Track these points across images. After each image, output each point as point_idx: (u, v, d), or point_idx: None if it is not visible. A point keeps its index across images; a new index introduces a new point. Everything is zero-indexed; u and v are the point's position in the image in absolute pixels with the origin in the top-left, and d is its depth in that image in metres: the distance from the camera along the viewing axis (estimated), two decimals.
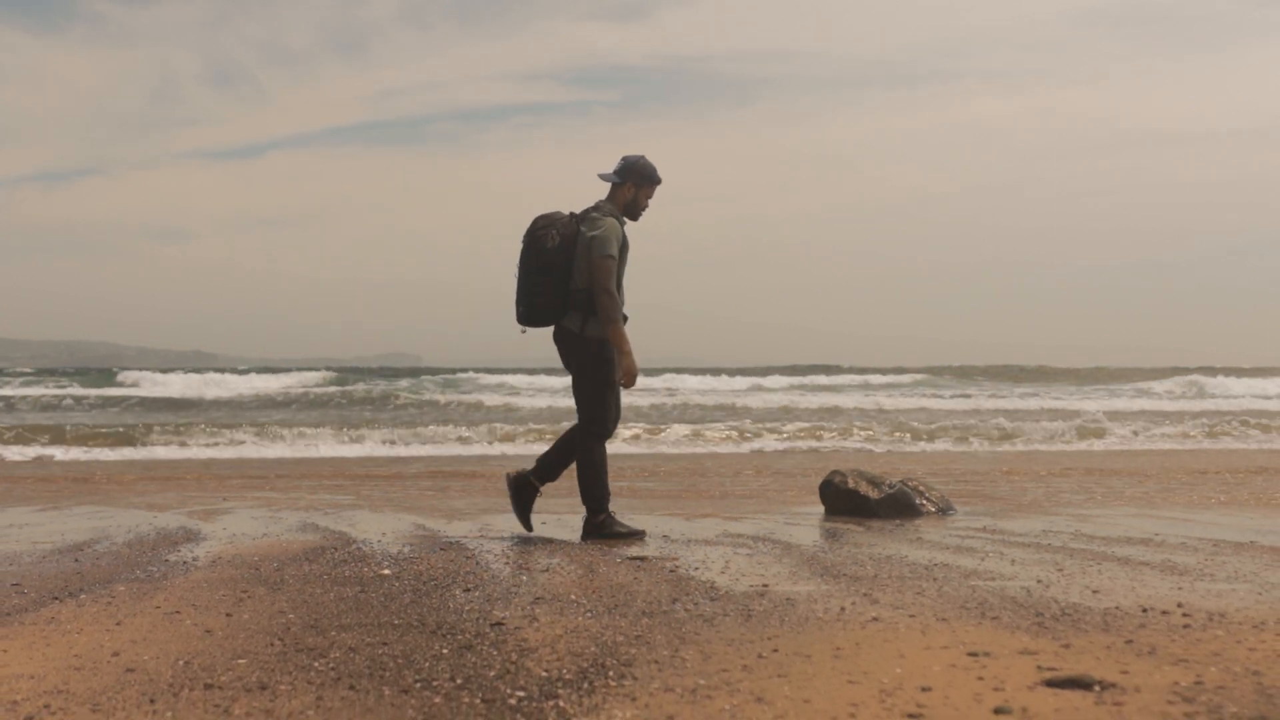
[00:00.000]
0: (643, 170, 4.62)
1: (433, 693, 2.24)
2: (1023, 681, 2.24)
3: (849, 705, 2.10)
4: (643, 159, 4.64)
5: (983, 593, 3.28)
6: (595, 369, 4.55)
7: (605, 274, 4.42)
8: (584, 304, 4.48)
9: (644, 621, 2.90)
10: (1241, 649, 2.52)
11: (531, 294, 4.49)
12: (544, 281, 4.46)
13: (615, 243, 4.45)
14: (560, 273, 4.47)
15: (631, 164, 4.62)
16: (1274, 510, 5.92)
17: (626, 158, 4.64)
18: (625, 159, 4.63)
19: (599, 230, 4.45)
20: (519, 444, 13.03)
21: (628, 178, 4.61)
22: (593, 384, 4.57)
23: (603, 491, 4.65)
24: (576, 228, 4.51)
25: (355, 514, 5.90)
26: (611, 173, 4.63)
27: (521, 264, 4.54)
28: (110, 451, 12.31)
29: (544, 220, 4.52)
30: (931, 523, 5.29)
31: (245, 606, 3.19)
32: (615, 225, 4.50)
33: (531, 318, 4.55)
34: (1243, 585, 3.42)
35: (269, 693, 2.25)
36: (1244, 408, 21.13)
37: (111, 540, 4.81)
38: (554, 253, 4.45)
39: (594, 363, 4.54)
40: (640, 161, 4.63)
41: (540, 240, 4.47)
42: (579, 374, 4.59)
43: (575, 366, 4.59)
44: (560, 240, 4.46)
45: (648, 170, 4.63)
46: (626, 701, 2.15)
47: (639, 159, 4.63)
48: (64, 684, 2.33)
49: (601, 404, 4.58)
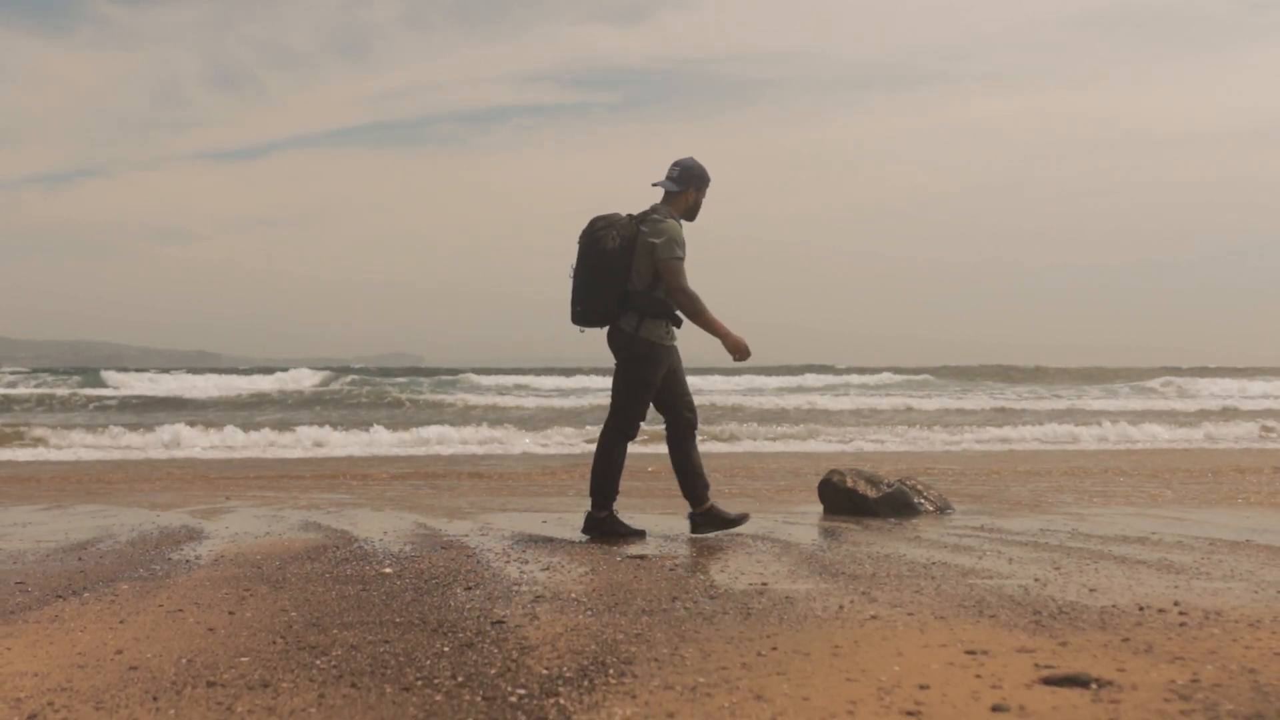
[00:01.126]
0: (701, 174, 4.67)
1: (434, 690, 2.25)
2: (1020, 679, 2.26)
3: (847, 703, 2.11)
4: (696, 161, 4.69)
5: (980, 591, 3.30)
6: (638, 369, 4.57)
7: (678, 275, 4.47)
8: (641, 305, 4.51)
9: (644, 619, 2.91)
10: (1238, 647, 2.53)
11: (589, 294, 4.52)
12: (603, 282, 4.49)
13: (679, 244, 4.50)
14: (619, 274, 4.49)
15: (690, 169, 4.66)
16: (1270, 509, 5.93)
17: (682, 162, 4.67)
18: (682, 165, 4.66)
19: (662, 234, 4.48)
20: (518, 445, 13.04)
21: (689, 184, 4.65)
22: (631, 383, 4.60)
23: (612, 489, 4.67)
24: (636, 229, 4.54)
25: (356, 513, 5.92)
26: (669, 180, 4.65)
27: (579, 264, 4.56)
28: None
29: (603, 221, 4.55)
30: (929, 522, 5.30)
31: (248, 605, 3.20)
32: (677, 227, 4.54)
33: (589, 318, 4.58)
34: (1239, 584, 3.43)
35: (271, 690, 2.26)
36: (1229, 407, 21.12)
37: (115, 539, 4.83)
38: (614, 254, 4.47)
39: (638, 363, 4.57)
40: (697, 165, 4.68)
41: (600, 241, 4.49)
42: (622, 371, 4.62)
43: (624, 366, 4.62)
44: (620, 241, 4.49)
45: (704, 173, 4.68)
46: (627, 699, 2.16)
47: (695, 163, 4.68)
48: (67, 682, 2.34)
49: (634, 403, 4.61)
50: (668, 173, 4.66)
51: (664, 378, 4.63)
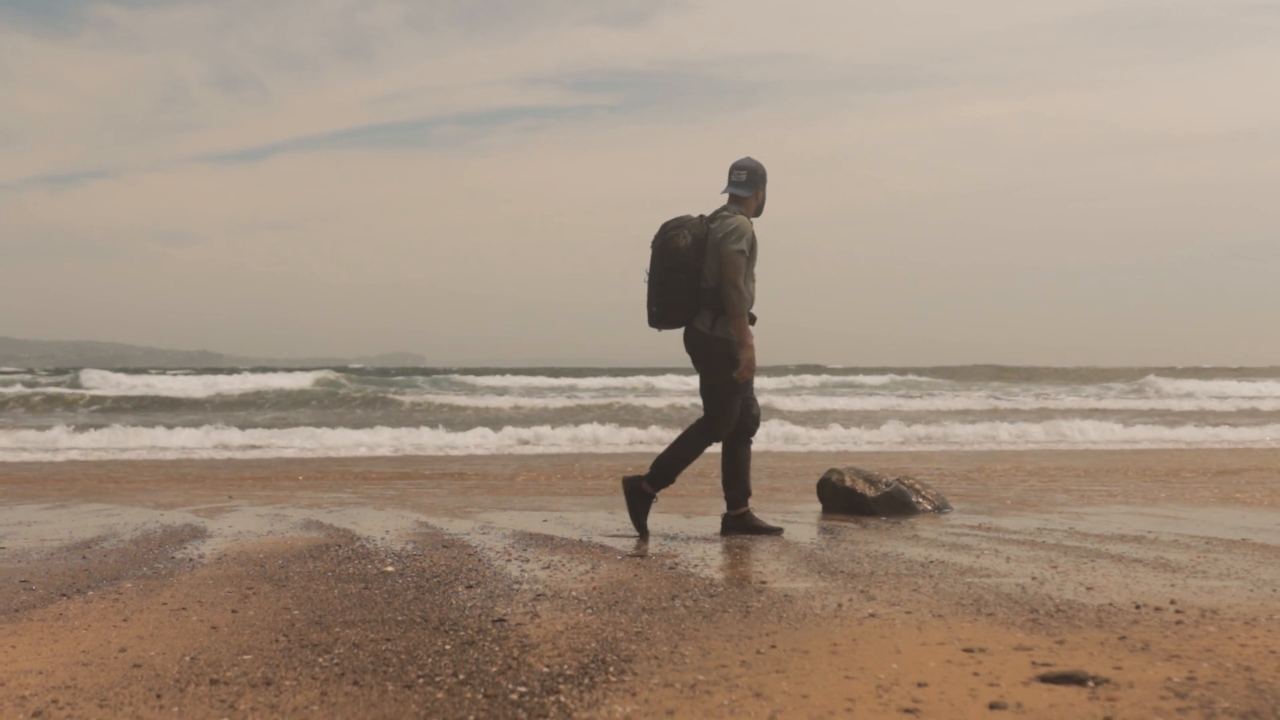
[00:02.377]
0: (764, 172, 4.73)
1: (436, 688, 2.27)
2: (1017, 677, 2.27)
3: (846, 700, 2.13)
4: (756, 160, 4.73)
5: (978, 589, 3.31)
6: (723, 368, 4.60)
7: (734, 269, 4.49)
8: (714, 303, 4.54)
9: (644, 618, 2.93)
10: (1233, 645, 2.54)
11: (664, 294, 4.55)
12: (676, 280, 4.52)
13: (746, 240, 4.53)
14: (692, 272, 4.53)
15: (754, 170, 4.70)
16: (1266, 508, 5.93)
17: (745, 165, 4.70)
18: (746, 168, 4.70)
19: (730, 228, 4.52)
20: (519, 446, 13.04)
21: (756, 184, 4.70)
22: (721, 383, 4.61)
23: (672, 476, 4.72)
24: (707, 228, 4.58)
25: (358, 512, 5.93)
26: (737, 186, 4.68)
27: (653, 266, 4.60)
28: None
29: (675, 222, 4.59)
30: (927, 520, 5.31)
31: (250, 603, 3.22)
32: (746, 223, 4.58)
33: (664, 318, 4.61)
34: (1235, 582, 3.44)
35: (274, 688, 2.27)
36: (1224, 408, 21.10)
37: (119, 537, 4.84)
38: (686, 252, 4.51)
39: (722, 363, 4.59)
40: (759, 164, 4.73)
41: (672, 240, 4.53)
42: (706, 373, 4.64)
43: (703, 365, 4.64)
44: (692, 240, 4.52)
45: (765, 169, 4.74)
46: (627, 696, 2.18)
47: (756, 162, 4.73)
48: (72, 679, 2.35)
49: (724, 403, 4.62)
50: (732, 177, 4.70)
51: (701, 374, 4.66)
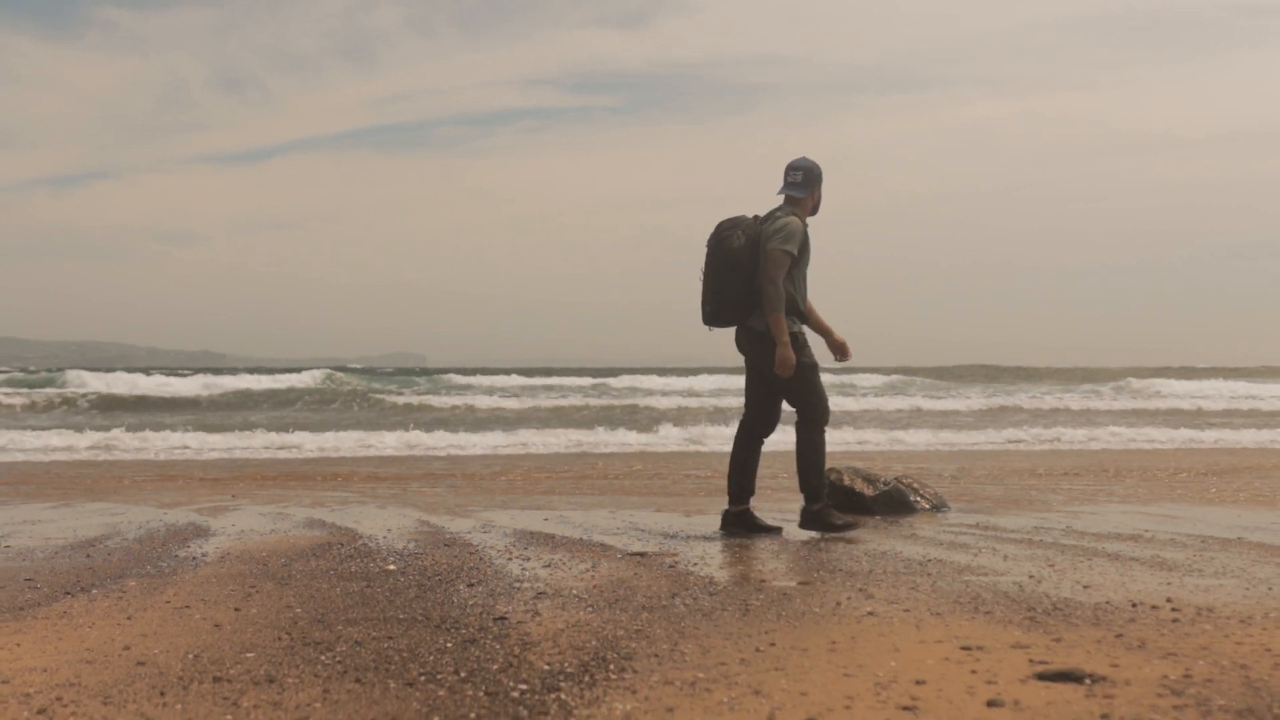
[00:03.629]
0: (819, 171, 4.76)
1: (437, 686, 2.28)
2: (1015, 675, 2.28)
3: (845, 698, 2.14)
4: (811, 160, 4.76)
5: (976, 588, 3.32)
6: (800, 362, 4.63)
7: (776, 266, 4.53)
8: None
9: (644, 616, 2.94)
10: (1229, 643, 2.55)
11: (719, 293, 4.59)
12: (730, 280, 4.56)
13: (795, 240, 4.57)
14: (746, 271, 4.57)
15: (810, 170, 4.73)
16: (1261, 507, 5.94)
17: (801, 166, 4.72)
18: (803, 169, 4.72)
19: (781, 228, 4.57)
20: (519, 446, 13.06)
21: (812, 185, 4.73)
22: (800, 377, 4.65)
23: (821, 480, 4.73)
24: (760, 228, 4.62)
25: (360, 510, 5.95)
26: (793, 186, 4.70)
27: (708, 265, 4.63)
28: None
29: (729, 222, 4.63)
30: (925, 519, 5.32)
31: (253, 601, 3.24)
32: (798, 223, 4.62)
33: (719, 317, 4.64)
34: (1230, 581, 3.45)
35: (277, 685, 2.29)
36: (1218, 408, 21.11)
37: (122, 536, 4.87)
38: (740, 252, 4.55)
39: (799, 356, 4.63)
40: (814, 164, 4.75)
41: (726, 240, 4.57)
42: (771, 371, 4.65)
43: (767, 364, 4.65)
44: (745, 240, 4.56)
45: (820, 169, 4.77)
46: (627, 694, 2.19)
47: (811, 162, 4.75)
48: (76, 677, 2.37)
49: (814, 392, 4.68)
50: (787, 178, 4.72)
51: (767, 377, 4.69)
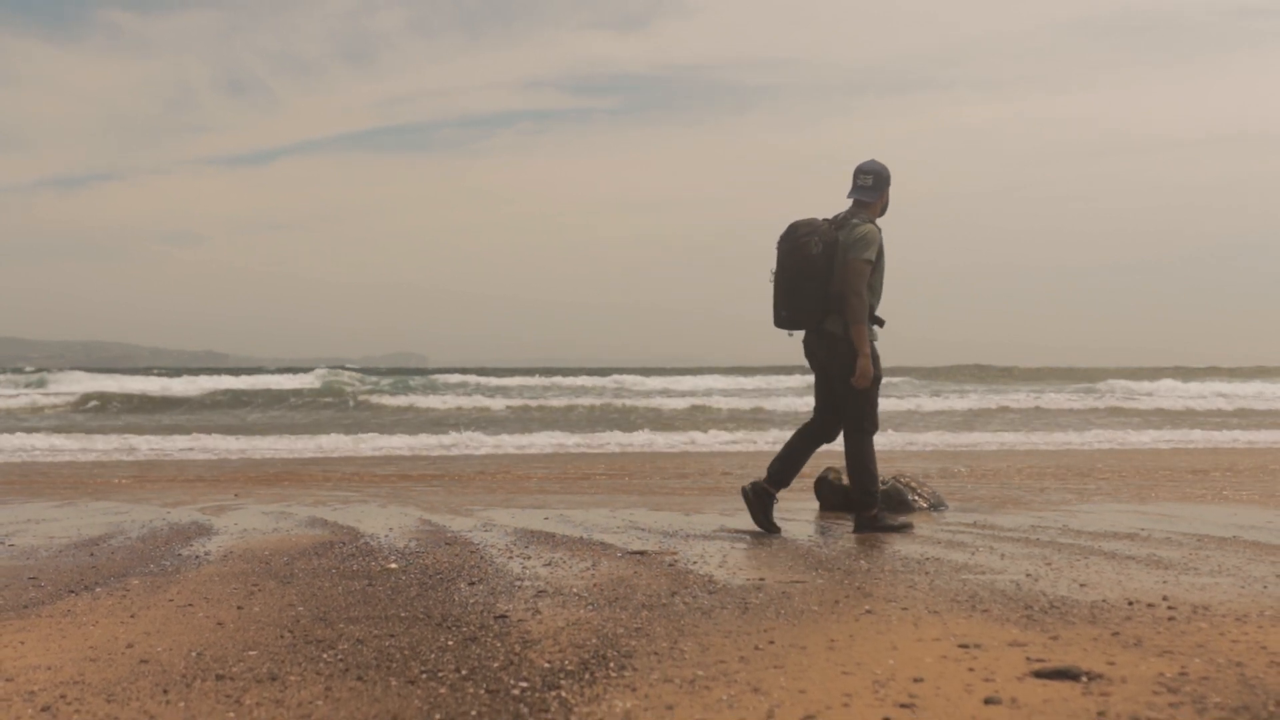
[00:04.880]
0: (888, 175, 4.78)
1: (438, 683, 2.29)
2: (1012, 672, 2.29)
3: (843, 695, 2.15)
4: (880, 163, 4.78)
5: (973, 586, 3.34)
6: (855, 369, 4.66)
7: (857, 276, 4.57)
8: (845, 308, 4.61)
9: (644, 614, 2.95)
10: (1225, 641, 2.56)
11: (795, 298, 4.63)
12: (807, 286, 4.60)
13: (874, 248, 4.61)
14: (823, 278, 4.60)
15: (880, 174, 4.75)
16: (1256, 506, 5.95)
17: (870, 169, 4.74)
18: (873, 172, 4.74)
19: (859, 235, 4.60)
20: (520, 446, 13.08)
21: (881, 188, 4.75)
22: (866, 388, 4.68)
23: (874, 486, 4.77)
24: (836, 235, 4.64)
25: (362, 509, 5.96)
26: (863, 190, 4.73)
27: (783, 269, 4.66)
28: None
29: (806, 227, 4.64)
30: (923, 518, 5.34)
31: (256, 599, 3.25)
32: (875, 232, 4.64)
33: (795, 321, 4.69)
34: (1226, 579, 3.47)
35: (279, 683, 2.30)
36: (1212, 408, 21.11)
37: (126, 535, 4.88)
38: (818, 259, 4.58)
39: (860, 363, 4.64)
40: (884, 167, 4.78)
41: (804, 246, 4.59)
42: (843, 375, 4.70)
43: (839, 369, 4.70)
44: (823, 247, 4.59)
45: (889, 173, 4.79)
46: (627, 692, 2.20)
47: (880, 165, 4.77)
48: (79, 675, 2.38)
49: (871, 404, 4.72)
50: (857, 181, 4.74)
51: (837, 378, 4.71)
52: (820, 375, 4.84)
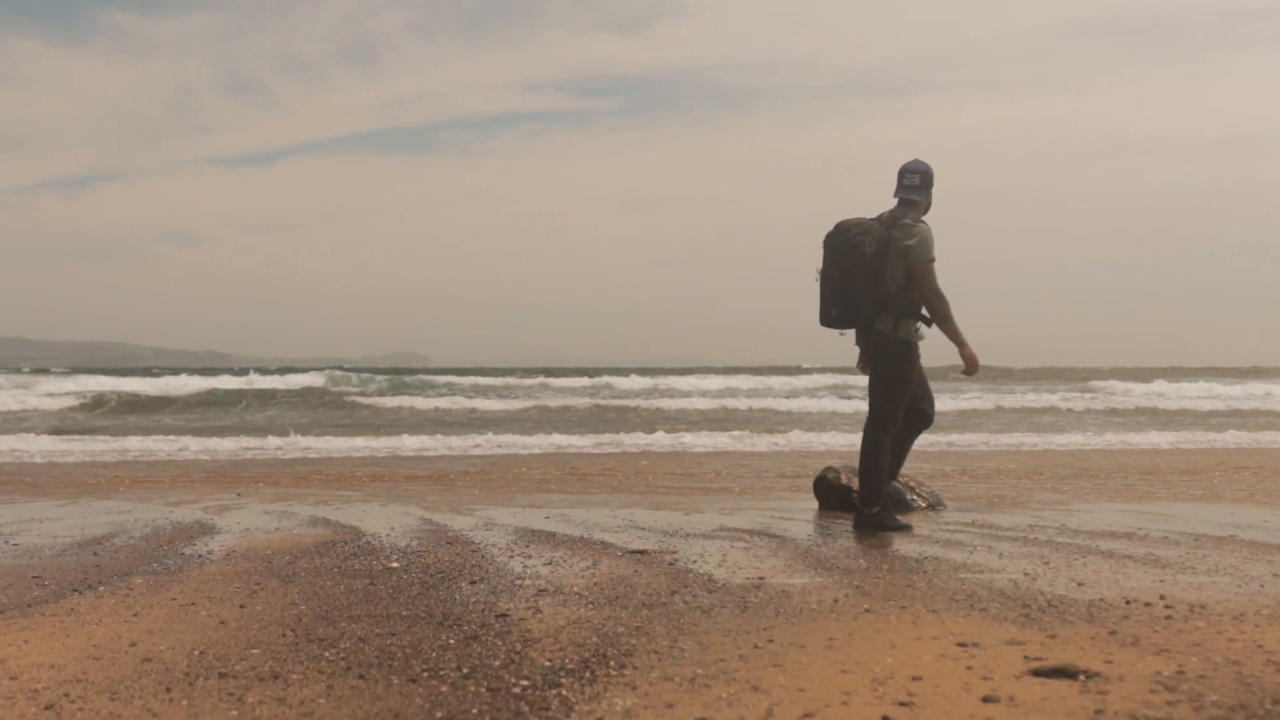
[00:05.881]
0: (933, 175, 4.81)
1: (440, 682, 2.30)
2: (1010, 671, 2.30)
3: (842, 694, 2.16)
4: (924, 163, 4.80)
5: (971, 585, 3.35)
6: (898, 368, 4.72)
7: (931, 277, 4.62)
8: (895, 307, 4.65)
9: (644, 613, 2.97)
10: (1222, 639, 2.58)
11: (847, 297, 4.66)
12: (860, 285, 4.62)
13: (933, 247, 4.65)
14: (875, 277, 4.62)
15: (926, 173, 4.78)
16: (1253, 505, 5.96)
17: (916, 169, 4.76)
18: (920, 172, 4.76)
19: (916, 236, 4.62)
20: (521, 446, 13.09)
21: (928, 187, 4.78)
22: (892, 382, 4.74)
23: (881, 485, 4.79)
24: (888, 234, 4.66)
25: (364, 509, 5.98)
26: (910, 190, 4.75)
27: (833, 268, 4.68)
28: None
29: (858, 227, 4.66)
30: (921, 518, 5.34)
31: (258, 598, 3.26)
32: (928, 231, 4.68)
33: (846, 320, 4.72)
34: (1223, 578, 3.48)
35: (281, 681, 2.31)
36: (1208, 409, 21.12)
37: (129, 534, 4.89)
38: (871, 258, 4.60)
39: (899, 364, 4.72)
40: (928, 167, 4.80)
41: (857, 246, 4.61)
42: (882, 371, 4.75)
43: (883, 365, 4.74)
44: (876, 247, 4.61)
45: (933, 172, 4.82)
46: (627, 690, 2.21)
47: (925, 165, 4.80)
48: (83, 673, 2.39)
49: (895, 401, 4.76)
50: (904, 181, 4.77)
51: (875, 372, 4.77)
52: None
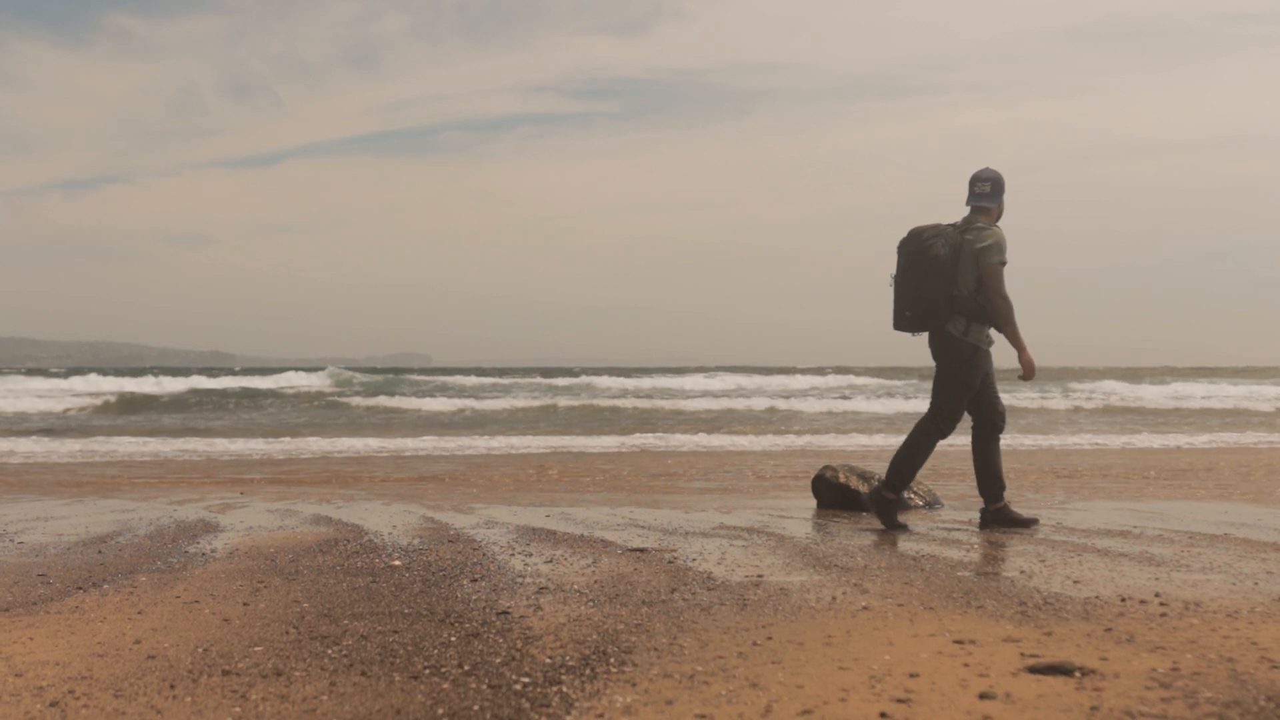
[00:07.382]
0: (1004, 182, 4.83)
1: (441, 679, 2.32)
2: (1006, 668, 2.31)
3: (840, 690, 2.17)
4: (995, 170, 4.82)
5: (968, 583, 3.37)
6: (963, 371, 4.75)
7: (1000, 279, 4.66)
8: (967, 310, 4.68)
9: (644, 610, 2.99)
10: (1216, 637, 2.59)
11: (920, 300, 4.69)
12: (933, 288, 4.66)
13: (1005, 251, 4.69)
14: (948, 280, 4.66)
15: (998, 181, 4.80)
16: (1247, 504, 5.97)
17: (988, 177, 4.79)
18: (991, 180, 4.78)
19: (990, 240, 4.66)
20: (520, 445, 13.10)
21: (1000, 194, 4.81)
22: (956, 383, 4.77)
23: (909, 476, 4.85)
24: (961, 238, 4.70)
25: (366, 507, 6.00)
26: (982, 198, 4.78)
27: (907, 271, 4.72)
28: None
29: (931, 231, 4.71)
30: (919, 516, 5.36)
31: (262, 596, 3.28)
32: (1003, 236, 4.72)
33: (919, 323, 4.75)
34: (1217, 575, 3.50)
35: (284, 679, 2.32)
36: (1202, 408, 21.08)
37: (133, 532, 4.92)
38: (944, 261, 4.65)
39: (965, 367, 4.75)
40: (999, 175, 4.83)
41: (930, 248, 4.65)
42: (946, 372, 4.79)
43: (946, 366, 4.77)
44: (949, 250, 4.66)
45: (1004, 179, 4.84)
46: (627, 687, 2.22)
47: (996, 173, 4.82)
48: (88, 670, 2.40)
49: (955, 402, 4.80)
50: (975, 189, 4.80)
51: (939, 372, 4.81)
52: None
